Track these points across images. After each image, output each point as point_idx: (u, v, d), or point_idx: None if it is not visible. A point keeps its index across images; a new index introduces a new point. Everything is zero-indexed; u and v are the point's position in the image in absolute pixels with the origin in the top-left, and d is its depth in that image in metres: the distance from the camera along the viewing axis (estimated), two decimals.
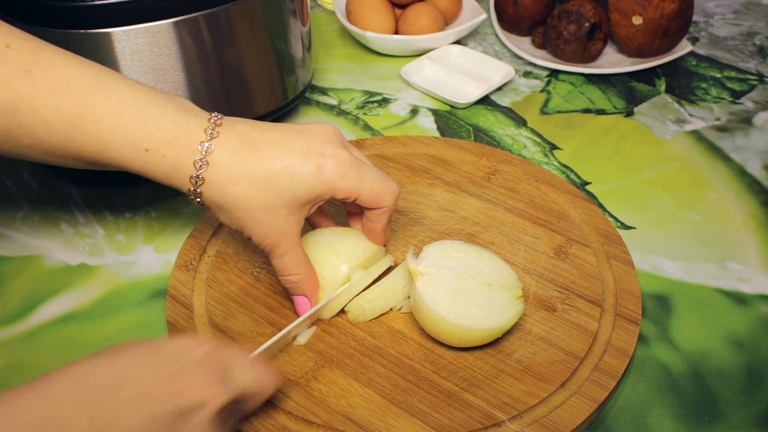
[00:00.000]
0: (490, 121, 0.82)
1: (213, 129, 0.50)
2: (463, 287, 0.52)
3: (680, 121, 0.82)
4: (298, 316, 0.55)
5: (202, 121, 0.50)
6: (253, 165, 0.50)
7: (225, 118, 0.51)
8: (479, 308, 0.52)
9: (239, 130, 0.51)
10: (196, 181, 0.50)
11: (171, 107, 0.50)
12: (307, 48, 0.77)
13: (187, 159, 0.49)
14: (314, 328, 0.56)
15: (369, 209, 0.55)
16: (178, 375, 0.40)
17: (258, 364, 0.45)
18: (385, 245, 0.59)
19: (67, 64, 0.49)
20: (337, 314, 0.57)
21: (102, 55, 0.60)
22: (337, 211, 0.66)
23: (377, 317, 0.57)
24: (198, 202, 0.51)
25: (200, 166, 0.49)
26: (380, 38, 0.90)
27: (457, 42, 0.95)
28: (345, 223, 0.61)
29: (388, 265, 0.58)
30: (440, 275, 0.53)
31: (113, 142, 0.49)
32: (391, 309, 0.57)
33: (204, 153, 0.49)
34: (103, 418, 0.36)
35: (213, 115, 0.51)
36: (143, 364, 0.39)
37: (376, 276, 0.57)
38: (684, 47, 0.90)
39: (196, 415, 0.39)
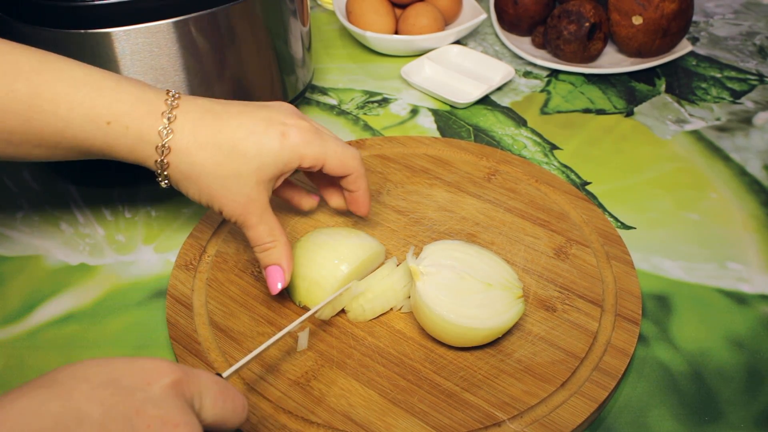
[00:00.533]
0: (490, 121, 0.82)
1: (173, 100, 0.50)
2: (464, 287, 0.52)
3: (680, 121, 0.82)
4: (270, 289, 0.54)
5: (160, 94, 0.51)
6: (218, 132, 0.50)
7: (182, 94, 0.52)
8: (479, 308, 0.52)
9: (199, 103, 0.52)
10: (163, 151, 0.49)
11: (126, 82, 0.50)
12: (307, 48, 0.77)
13: (151, 129, 0.49)
14: (307, 330, 0.56)
15: (340, 178, 0.56)
16: (141, 411, 0.34)
17: (227, 394, 0.40)
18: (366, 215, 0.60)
19: (14, 49, 0.48)
20: (337, 314, 0.57)
21: (102, 55, 0.60)
22: (332, 215, 0.66)
23: (377, 317, 0.57)
24: (165, 176, 0.51)
25: (166, 134, 0.49)
26: (380, 38, 0.90)
27: (457, 42, 0.95)
28: (341, 223, 0.61)
29: (392, 269, 0.58)
30: (440, 275, 0.53)
31: (73, 120, 0.48)
32: (391, 309, 0.57)
33: (168, 122, 0.49)
34: None
35: (169, 90, 0.52)
36: (101, 398, 0.34)
37: (379, 280, 0.57)
38: (684, 47, 0.90)
39: None
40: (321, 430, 0.49)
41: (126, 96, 0.49)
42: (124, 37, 0.60)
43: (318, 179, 0.61)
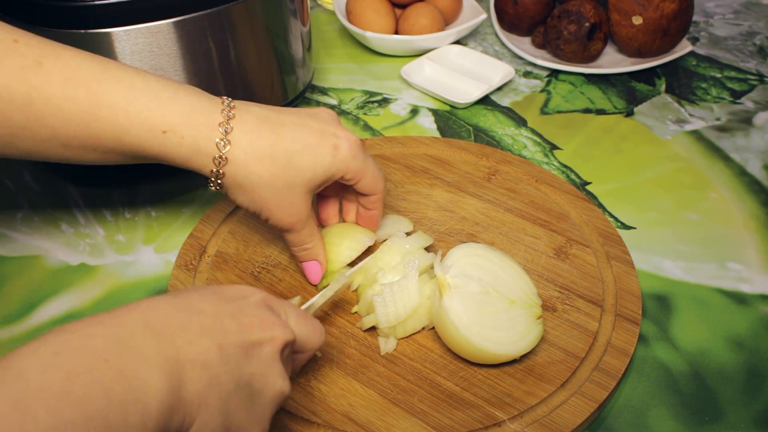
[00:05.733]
0: (490, 121, 0.82)
1: (229, 110, 0.51)
2: (488, 303, 0.52)
3: (680, 121, 0.82)
4: (309, 281, 0.59)
5: (216, 103, 0.51)
6: (275, 144, 0.52)
7: (235, 101, 0.53)
8: (503, 331, 0.51)
9: (254, 112, 0.52)
10: (220, 162, 0.51)
11: (183, 91, 0.51)
12: (307, 48, 0.77)
13: (207, 140, 0.50)
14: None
15: (365, 195, 0.57)
16: (241, 313, 0.41)
17: (306, 316, 0.47)
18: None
19: (76, 56, 0.49)
20: (367, 330, 0.56)
21: (102, 55, 0.60)
22: None
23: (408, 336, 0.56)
24: (218, 184, 0.52)
25: (223, 145, 0.50)
26: (380, 38, 0.90)
27: (457, 42, 0.95)
28: None
29: (424, 282, 0.55)
30: (467, 287, 0.52)
31: (130, 128, 0.49)
32: (423, 328, 0.56)
33: (225, 133, 0.50)
34: (175, 344, 0.37)
35: (224, 98, 0.52)
36: (210, 300, 0.41)
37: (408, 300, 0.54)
38: (684, 47, 0.90)
39: (262, 349, 0.41)
40: (321, 430, 0.49)
41: (183, 106, 0.50)
42: (124, 37, 0.60)
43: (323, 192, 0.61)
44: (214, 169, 0.51)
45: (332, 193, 0.61)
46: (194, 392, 0.37)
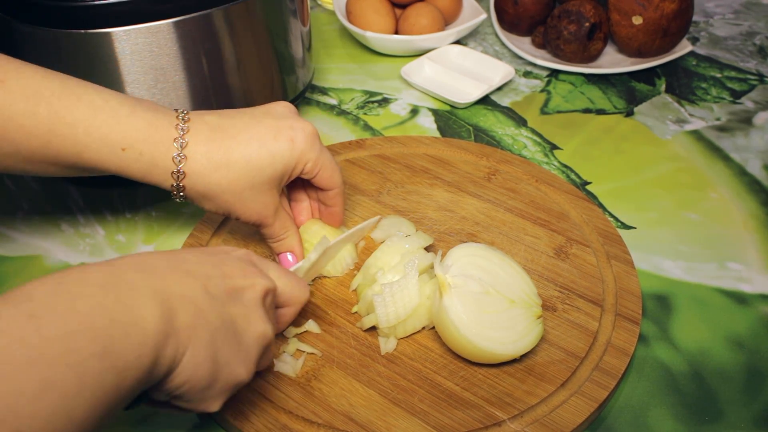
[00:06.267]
0: (490, 121, 0.82)
1: (183, 124, 0.52)
2: (488, 303, 0.51)
3: (680, 121, 0.82)
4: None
5: (170, 118, 0.52)
6: (230, 150, 0.53)
7: (191, 112, 0.54)
8: (503, 330, 0.51)
9: (208, 121, 0.53)
10: (178, 176, 0.52)
11: (140, 108, 0.52)
12: (307, 48, 0.77)
13: (164, 155, 0.52)
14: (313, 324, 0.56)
15: (324, 191, 0.58)
16: (223, 264, 0.44)
17: (289, 273, 0.50)
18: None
19: (37, 73, 0.50)
20: (368, 330, 0.56)
21: (102, 55, 0.60)
22: None
23: (409, 335, 0.56)
24: (181, 196, 0.54)
25: (179, 160, 0.52)
26: (380, 38, 0.90)
27: (457, 42, 0.95)
28: None
29: (424, 282, 0.55)
30: (467, 287, 0.52)
31: (90, 144, 0.50)
32: (423, 328, 0.56)
33: (180, 148, 0.52)
34: (164, 281, 0.40)
35: (179, 111, 0.53)
36: (193, 253, 0.45)
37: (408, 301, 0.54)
38: (684, 47, 0.90)
39: (244, 294, 0.44)
40: (322, 430, 0.49)
41: (140, 122, 0.51)
42: (124, 37, 0.60)
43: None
44: (174, 183, 0.52)
45: (303, 195, 0.62)
46: (184, 323, 0.39)
